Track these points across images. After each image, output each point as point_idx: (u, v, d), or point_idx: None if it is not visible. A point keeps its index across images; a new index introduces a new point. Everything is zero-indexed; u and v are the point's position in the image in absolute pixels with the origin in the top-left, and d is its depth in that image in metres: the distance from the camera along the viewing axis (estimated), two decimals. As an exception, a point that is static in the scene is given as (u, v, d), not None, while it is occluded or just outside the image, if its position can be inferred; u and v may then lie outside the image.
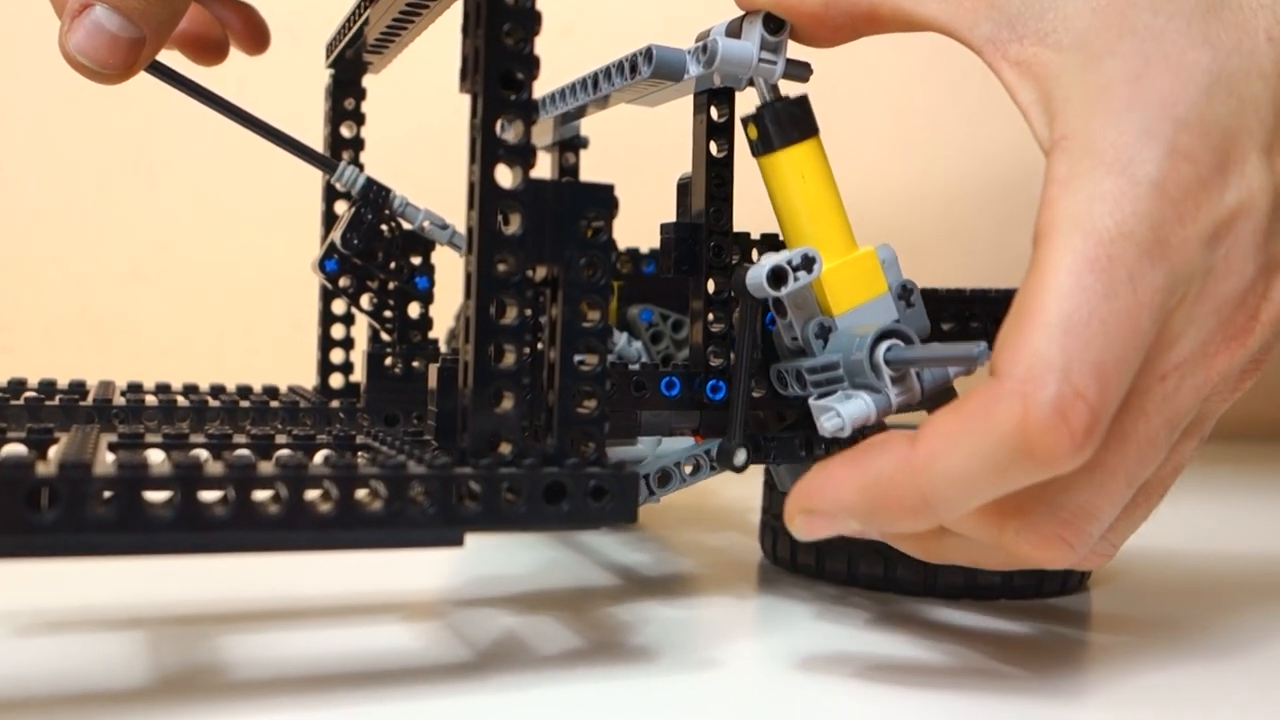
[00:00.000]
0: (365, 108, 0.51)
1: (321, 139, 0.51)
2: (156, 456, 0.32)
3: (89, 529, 0.27)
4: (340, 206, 0.50)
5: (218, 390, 0.47)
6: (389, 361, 0.47)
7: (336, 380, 0.51)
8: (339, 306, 0.50)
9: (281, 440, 0.37)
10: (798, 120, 0.38)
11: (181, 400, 0.44)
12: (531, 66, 0.31)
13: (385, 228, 0.46)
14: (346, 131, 0.51)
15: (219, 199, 0.91)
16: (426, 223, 0.46)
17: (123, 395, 0.44)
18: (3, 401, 0.41)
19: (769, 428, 0.42)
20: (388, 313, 0.47)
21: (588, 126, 0.53)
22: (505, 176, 0.31)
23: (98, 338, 0.89)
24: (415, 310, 0.47)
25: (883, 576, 0.43)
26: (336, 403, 0.46)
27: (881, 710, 0.31)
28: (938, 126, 1.06)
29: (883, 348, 0.36)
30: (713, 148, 0.40)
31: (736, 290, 0.38)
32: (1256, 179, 0.31)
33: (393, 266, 0.46)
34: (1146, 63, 0.31)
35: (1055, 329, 0.28)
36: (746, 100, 0.39)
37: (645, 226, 0.46)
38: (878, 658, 0.36)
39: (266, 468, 0.29)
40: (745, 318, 0.38)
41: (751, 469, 0.40)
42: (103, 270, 0.89)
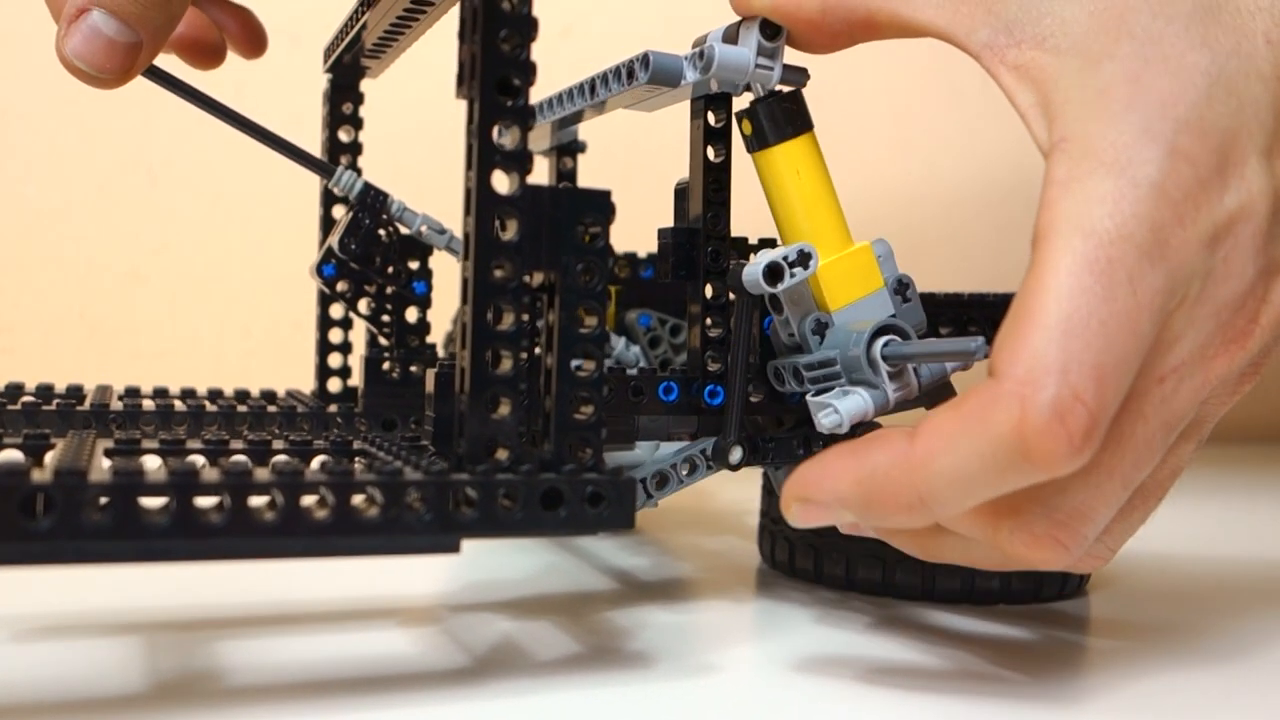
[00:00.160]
0: (363, 112, 0.51)
1: (319, 143, 0.50)
2: (153, 463, 0.32)
3: (84, 536, 0.27)
4: (338, 211, 0.50)
5: (215, 395, 0.47)
6: (386, 366, 0.47)
7: (334, 385, 0.51)
8: (337, 311, 0.50)
9: (278, 446, 0.37)
10: (792, 116, 0.38)
11: (178, 405, 0.44)
12: (528, 72, 0.31)
13: (383, 232, 0.46)
14: (344, 136, 0.50)
15: (218, 200, 0.91)
16: (424, 227, 0.46)
17: (120, 400, 0.44)
18: (-1, 406, 0.41)
19: (766, 430, 0.41)
20: (385, 317, 0.47)
21: (585, 131, 0.53)
22: (502, 182, 0.31)
23: (97, 338, 0.89)
24: (413, 315, 0.47)
25: (881, 581, 0.43)
26: (334, 407, 0.46)
27: (880, 715, 0.31)
28: (936, 131, 1.06)
29: (880, 343, 0.36)
30: (710, 153, 0.40)
31: (733, 287, 0.38)
32: (1256, 182, 0.31)
33: (390, 271, 0.46)
34: (1145, 65, 0.31)
35: (1054, 330, 0.28)
36: (744, 105, 0.39)
37: (643, 231, 0.46)
38: (876, 662, 0.36)
39: (262, 474, 0.29)
40: (741, 314, 0.38)
41: (749, 472, 0.39)
42: (102, 271, 0.89)
